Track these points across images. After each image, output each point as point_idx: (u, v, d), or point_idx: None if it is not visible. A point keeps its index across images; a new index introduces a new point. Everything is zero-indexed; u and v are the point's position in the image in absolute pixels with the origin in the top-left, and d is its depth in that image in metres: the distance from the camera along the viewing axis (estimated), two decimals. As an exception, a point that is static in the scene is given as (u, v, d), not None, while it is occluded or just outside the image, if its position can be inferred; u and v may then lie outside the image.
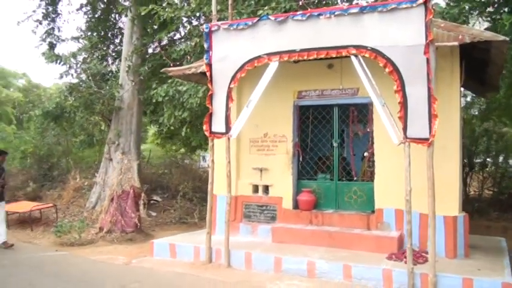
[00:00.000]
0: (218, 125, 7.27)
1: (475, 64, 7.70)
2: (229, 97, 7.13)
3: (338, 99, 8.03)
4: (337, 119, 8.20)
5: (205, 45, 7.33)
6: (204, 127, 7.38)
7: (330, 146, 8.39)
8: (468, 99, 14.62)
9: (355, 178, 8.25)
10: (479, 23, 10.00)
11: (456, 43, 6.33)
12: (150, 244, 8.28)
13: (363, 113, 7.97)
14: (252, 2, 9.93)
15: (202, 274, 6.84)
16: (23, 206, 10.95)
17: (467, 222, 7.10)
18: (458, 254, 6.90)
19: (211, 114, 7.30)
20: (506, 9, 8.89)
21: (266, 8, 9.22)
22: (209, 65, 7.25)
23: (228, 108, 7.15)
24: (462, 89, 8.84)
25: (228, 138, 7.27)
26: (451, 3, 8.33)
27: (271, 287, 6.20)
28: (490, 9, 9.42)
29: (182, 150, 19.98)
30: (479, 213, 12.05)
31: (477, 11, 9.07)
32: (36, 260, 7.91)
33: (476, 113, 15.07)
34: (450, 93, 7.04)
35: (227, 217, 7.36)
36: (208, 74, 7.25)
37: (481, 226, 10.34)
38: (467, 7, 8.37)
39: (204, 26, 7.40)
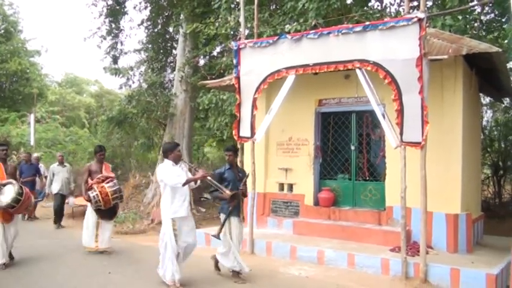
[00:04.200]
0: (245, 130, 8.29)
1: (489, 72, 8.25)
2: (253, 106, 8.13)
3: (354, 107, 8.83)
4: (354, 125, 9.02)
5: (234, 61, 8.41)
6: (233, 132, 8.46)
7: (348, 148, 9.18)
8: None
9: (367, 178, 8.99)
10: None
11: (446, 56, 6.95)
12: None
13: (376, 118, 8.68)
14: (286, 18, 10.96)
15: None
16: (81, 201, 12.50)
17: (469, 221, 7.67)
18: (459, 250, 7.49)
19: (239, 121, 8.35)
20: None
21: (295, 23, 10.15)
22: (237, 78, 8.29)
23: (252, 116, 8.16)
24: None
25: (253, 142, 8.30)
26: (458, 17, 8.86)
27: (283, 270, 7.16)
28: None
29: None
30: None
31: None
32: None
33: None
34: (453, 100, 7.64)
35: (251, 211, 8.40)
36: (236, 85, 8.29)
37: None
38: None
39: (233, 44, 8.51)
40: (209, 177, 6.23)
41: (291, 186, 9.49)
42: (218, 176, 6.59)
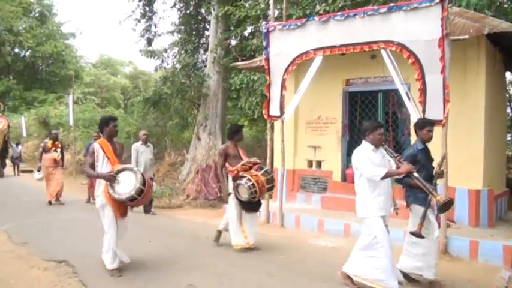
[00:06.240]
0: (274, 110, 8.70)
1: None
2: (283, 86, 8.51)
3: (381, 86, 9.09)
4: (381, 103, 9.30)
5: (264, 43, 8.77)
6: (264, 111, 8.88)
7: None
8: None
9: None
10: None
11: (467, 36, 7.14)
12: (223, 207, 10.08)
13: (402, 97, 8.93)
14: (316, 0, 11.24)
15: (259, 230, 8.40)
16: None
17: (491, 196, 7.91)
18: (481, 224, 7.76)
19: (269, 101, 8.75)
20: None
21: (323, 4, 10.41)
22: (267, 59, 8.65)
23: (282, 96, 8.54)
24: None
25: (282, 121, 8.71)
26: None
27: (311, 242, 7.64)
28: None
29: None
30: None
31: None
32: (137, 217, 9.96)
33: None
34: (476, 80, 7.82)
35: (281, 187, 8.86)
36: (266, 67, 8.66)
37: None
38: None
39: (263, 26, 8.87)
40: (416, 174, 4.98)
41: (319, 163, 9.89)
42: (410, 160, 5.18)
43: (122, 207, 5.51)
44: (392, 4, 7.30)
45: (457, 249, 6.79)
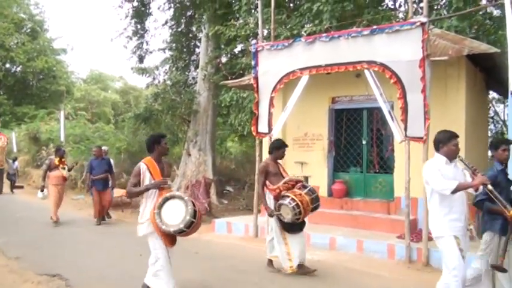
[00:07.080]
0: (263, 127, 8.95)
1: (493, 70, 8.74)
2: (270, 104, 8.78)
3: (365, 104, 9.42)
4: (365, 121, 9.62)
5: (253, 62, 9.07)
6: (252, 128, 9.14)
7: (360, 143, 9.79)
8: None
9: (377, 171, 9.60)
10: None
11: (447, 57, 7.49)
12: (212, 223, 10.25)
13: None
14: (302, 19, 11.58)
15: (247, 244, 8.65)
16: (116, 193, 13.34)
17: (473, 211, 8.15)
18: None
19: (257, 118, 9.02)
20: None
21: (310, 25, 10.76)
22: (256, 78, 8.94)
23: (270, 113, 8.81)
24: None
25: (270, 138, 8.95)
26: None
27: (298, 255, 7.83)
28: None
29: (257, 147, 22.03)
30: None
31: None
32: (128, 232, 10.12)
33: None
34: (456, 97, 8.19)
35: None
36: (255, 85, 8.94)
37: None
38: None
39: (252, 46, 9.16)
40: (490, 186, 4.48)
41: (306, 179, 10.10)
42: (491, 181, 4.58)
43: (169, 236, 5.01)
44: (375, 27, 7.64)
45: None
